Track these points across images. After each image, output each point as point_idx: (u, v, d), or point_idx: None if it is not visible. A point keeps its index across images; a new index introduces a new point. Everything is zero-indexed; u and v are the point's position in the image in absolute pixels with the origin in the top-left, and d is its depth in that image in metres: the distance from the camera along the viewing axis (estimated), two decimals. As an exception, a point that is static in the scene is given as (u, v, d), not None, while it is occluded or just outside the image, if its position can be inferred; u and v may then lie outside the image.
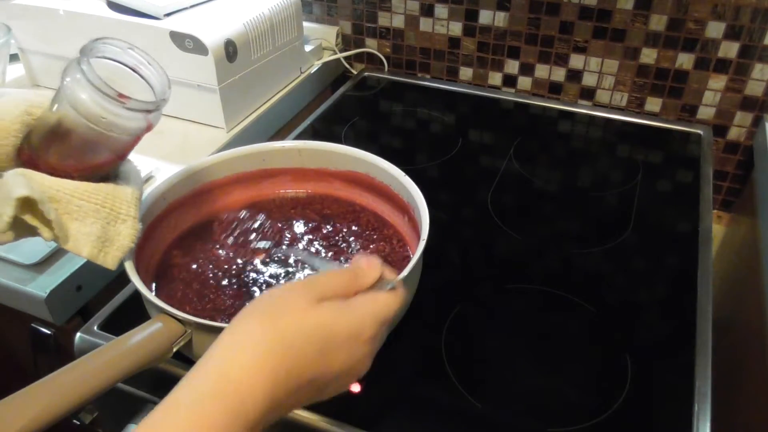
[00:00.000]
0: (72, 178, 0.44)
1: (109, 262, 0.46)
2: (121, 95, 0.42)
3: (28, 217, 0.41)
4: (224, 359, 0.34)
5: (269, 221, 0.62)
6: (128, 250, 0.47)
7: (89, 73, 0.41)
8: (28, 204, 0.41)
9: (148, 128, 0.46)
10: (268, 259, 0.56)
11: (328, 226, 0.62)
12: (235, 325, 0.36)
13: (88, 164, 0.46)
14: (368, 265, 0.41)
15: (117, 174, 0.48)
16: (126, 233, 0.46)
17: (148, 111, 0.44)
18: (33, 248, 0.61)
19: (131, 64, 0.46)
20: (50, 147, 0.45)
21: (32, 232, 0.43)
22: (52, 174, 0.44)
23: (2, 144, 0.43)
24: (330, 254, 0.59)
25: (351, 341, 0.37)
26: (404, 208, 0.60)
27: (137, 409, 0.56)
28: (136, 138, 0.46)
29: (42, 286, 0.59)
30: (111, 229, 0.45)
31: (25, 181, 0.41)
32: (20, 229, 0.42)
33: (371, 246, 0.60)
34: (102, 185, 0.45)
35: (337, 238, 0.61)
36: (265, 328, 0.34)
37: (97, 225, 0.44)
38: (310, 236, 0.61)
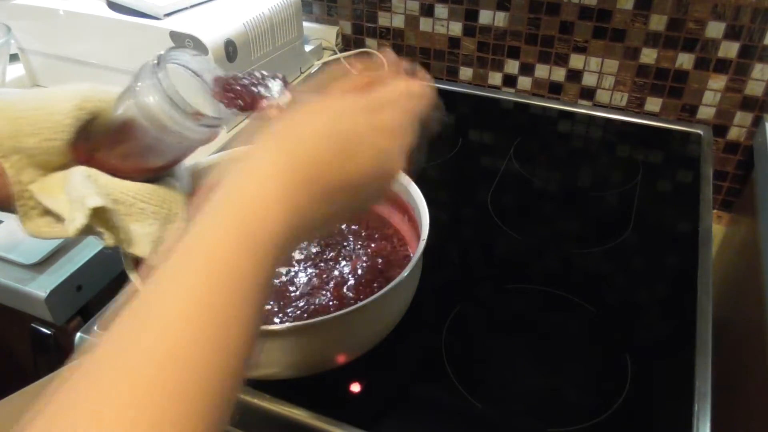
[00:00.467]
0: (131, 178, 0.44)
1: None
2: (196, 113, 0.41)
3: (96, 224, 0.41)
4: (239, 175, 0.30)
5: None
6: None
7: (165, 83, 0.40)
8: (99, 212, 0.41)
9: (210, 140, 0.45)
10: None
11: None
12: (251, 148, 0.31)
13: (149, 167, 0.45)
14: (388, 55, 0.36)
15: (171, 173, 0.48)
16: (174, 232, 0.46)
17: (215, 126, 0.44)
18: (33, 248, 0.61)
19: (200, 71, 0.45)
20: (112, 147, 0.44)
21: (94, 233, 0.42)
22: (112, 173, 0.44)
23: (54, 138, 0.42)
24: (331, 254, 0.59)
25: (375, 133, 0.32)
26: (404, 208, 0.60)
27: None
28: (195, 147, 0.46)
29: (42, 286, 0.59)
30: (166, 229, 0.45)
31: (96, 189, 0.41)
32: (85, 232, 0.42)
33: (372, 245, 0.60)
34: (160, 187, 0.45)
35: (338, 237, 0.61)
36: (277, 140, 0.31)
37: (155, 226, 0.44)
38: (314, 239, 0.61)
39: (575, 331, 0.59)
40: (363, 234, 0.61)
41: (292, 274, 0.56)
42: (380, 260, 0.58)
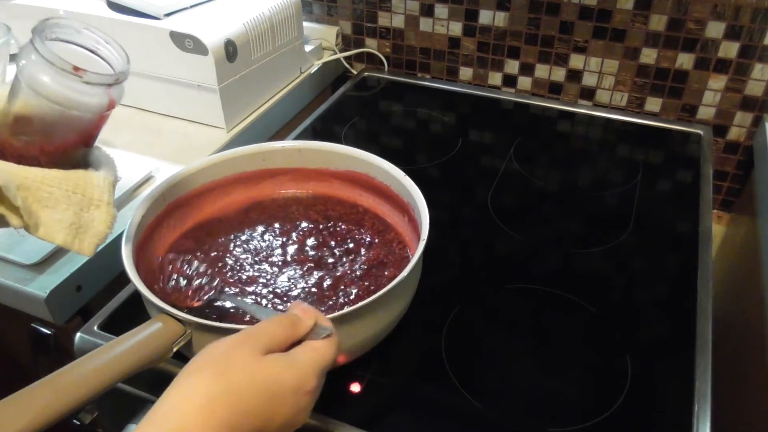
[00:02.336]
0: (40, 165, 0.44)
1: (86, 248, 0.45)
2: (76, 68, 0.41)
3: None
4: (174, 409, 0.34)
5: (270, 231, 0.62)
6: (105, 236, 0.46)
7: (42, 49, 0.41)
8: None
9: (111, 105, 0.45)
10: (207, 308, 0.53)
11: (329, 228, 0.62)
12: (184, 378, 0.36)
13: (55, 146, 0.45)
14: (304, 313, 0.41)
15: (88, 162, 0.48)
16: (101, 219, 0.46)
17: (108, 85, 0.44)
18: (33, 248, 0.61)
19: (89, 45, 0.45)
20: (14, 134, 0.44)
21: (1, 222, 0.42)
22: (19, 163, 0.43)
23: None
24: (331, 254, 0.59)
25: (296, 394, 0.38)
26: (404, 209, 0.60)
27: (137, 409, 0.55)
28: (100, 117, 0.46)
29: (42, 286, 0.59)
30: (85, 215, 0.45)
31: None
32: None
33: (372, 245, 0.60)
34: (72, 172, 0.45)
35: (338, 238, 0.61)
36: (216, 380, 0.35)
37: (69, 212, 0.44)
38: (313, 238, 0.61)
39: (575, 331, 0.59)
40: (363, 234, 0.61)
41: (293, 274, 0.56)
42: (380, 260, 0.58)
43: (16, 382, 0.38)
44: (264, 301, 0.53)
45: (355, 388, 0.52)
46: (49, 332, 0.63)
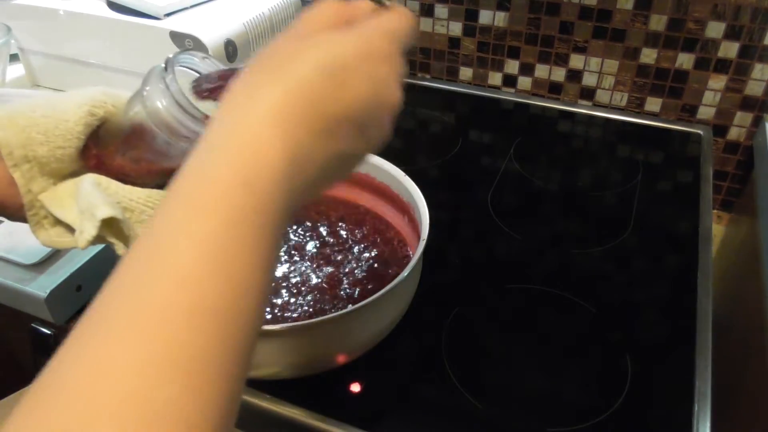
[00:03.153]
0: (140, 184, 0.43)
1: None
2: (205, 117, 0.40)
3: (107, 234, 0.40)
4: (232, 114, 0.28)
5: None
6: None
7: (173, 88, 0.40)
8: (109, 222, 0.40)
9: None
10: None
11: (329, 228, 0.62)
12: (235, 86, 0.30)
13: (159, 171, 0.44)
14: None
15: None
16: None
17: None
18: (33, 248, 0.61)
19: (213, 84, 0.45)
20: (122, 152, 0.44)
21: (106, 242, 0.41)
22: (121, 178, 0.43)
23: (65, 146, 0.42)
24: (331, 253, 0.59)
25: (366, 61, 0.31)
26: (404, 208, 0.60)
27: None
28: None
29: (42, 286, 0.59)
30: None
31: (106, 198, 0.40)
32: (97, 242, 0.41)
33: (372, 245, 0.60)
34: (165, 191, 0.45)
35: (338, 237, 0.61)
36: (267, 77, 0.30)
37: None
38: (313, 239, 0.61)
39: (575, 331, 0.59)
40: (363, 234, 0.61)
41: (293, 274, 0.56)
42: (380, 260, 0.58)
43: (16, 382, 0.38)
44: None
45: (355, 388, 0.52)
46: (49, 332, 0.63)
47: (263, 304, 0.26)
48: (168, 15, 0.81)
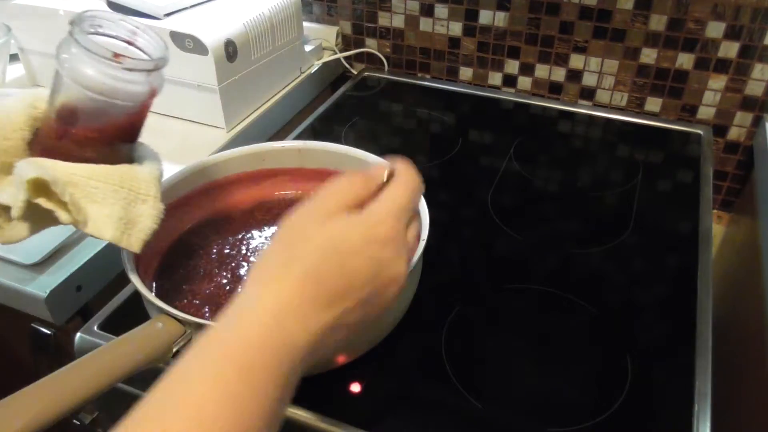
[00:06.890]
0: (87, 162, 0.44)
1: (134, 244, 0.45)
2: (116, 55, 0.42)
3: (42, 201, 0.41)
4: (251, 307, 0.33)
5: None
6: (152, 231, 0.46)
7: (82, 40, 0.41)
8: (40, 186, 0.40)
9: (152, 94, 0.45)
10: None
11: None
12: (257, 264, 0.36)
13: (103, 140, 0.45)
14: (376, 168, 0.41)
15: (132, 158, 0.48)
16: (148, 214, 0.45)
17: (148, 71, 0.44)
18: (33, 248, 0.61)
19: (125, 36, 0.45)
20: (60, 132, 0.44)
21: (49, 219, 0.42)
22: (69, 160, 0.43)
23: (11, 137, 0.43)
24: None
25: (368, 245, 0.36)
26: (404, 208, 0.60)
27: (137, 409, 0.55)
28: (142, 106, 0.46)
29: (42, 286, 0.59)
30: (132, 210, 0.44)
31: (35, 167, 0.41)
32: (36, 217, 0.42)
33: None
34: (117, 166, 0.45)
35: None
36: (283, 259, 0.35)
37: (117, 206, 0.43)
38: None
39: (575, 331, 0.59)
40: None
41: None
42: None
43: (16, 382, 0.38)
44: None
45: (355, 388, 0.52)
46: (49, 332, 0.63)
47: None
48: (168, 15, 0.81)
